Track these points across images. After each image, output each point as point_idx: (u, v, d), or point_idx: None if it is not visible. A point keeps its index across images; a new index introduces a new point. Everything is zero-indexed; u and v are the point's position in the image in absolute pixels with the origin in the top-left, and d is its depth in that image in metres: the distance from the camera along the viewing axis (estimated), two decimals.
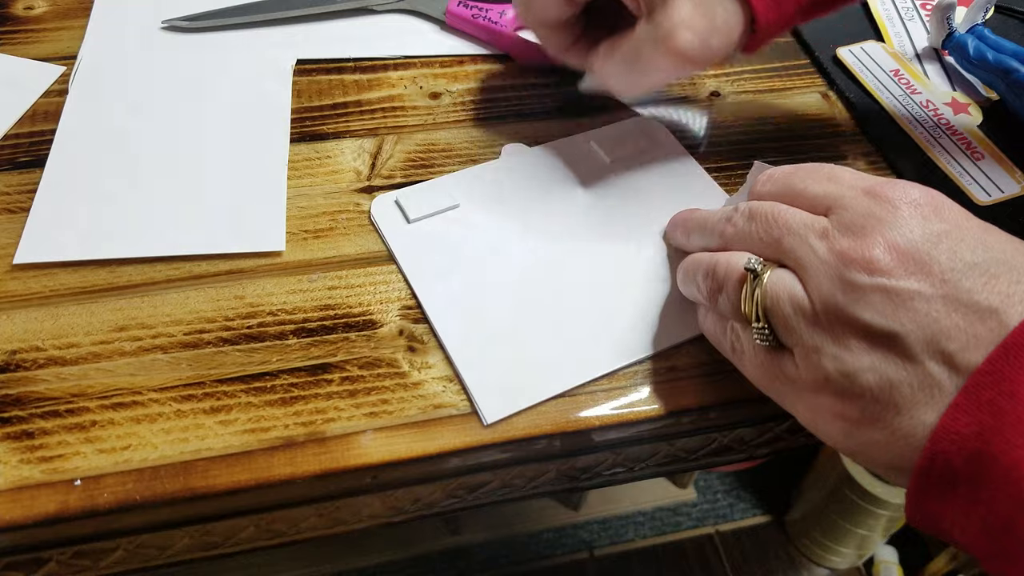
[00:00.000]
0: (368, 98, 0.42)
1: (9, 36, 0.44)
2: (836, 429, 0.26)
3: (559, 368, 0.31)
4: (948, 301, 0.24)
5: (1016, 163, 0.40)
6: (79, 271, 0.34)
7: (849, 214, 0.26)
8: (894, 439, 0.24)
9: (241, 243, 0.35)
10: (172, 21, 0.44)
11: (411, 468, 0.29)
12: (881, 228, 0.25)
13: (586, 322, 0.33)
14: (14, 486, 0.27)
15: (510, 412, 0.30)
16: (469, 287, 0.34)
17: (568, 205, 0.37)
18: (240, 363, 0.31)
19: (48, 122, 0.39)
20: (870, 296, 0.25)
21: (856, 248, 0.25)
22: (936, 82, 0.45)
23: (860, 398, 0.25)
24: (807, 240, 0.27)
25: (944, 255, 0.24)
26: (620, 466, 0.34)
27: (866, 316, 0.24)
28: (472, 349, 0.31)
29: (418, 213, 0.36)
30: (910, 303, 0.24)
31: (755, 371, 0.29)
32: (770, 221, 0.28)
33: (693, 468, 0.36)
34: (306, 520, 0.32)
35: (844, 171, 0.29)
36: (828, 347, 0.25)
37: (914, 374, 0.24)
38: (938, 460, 0.23)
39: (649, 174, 0.39)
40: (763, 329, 0.27)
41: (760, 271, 0.27)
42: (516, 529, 1.03)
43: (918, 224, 0.25)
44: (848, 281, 0.25)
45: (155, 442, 0.29)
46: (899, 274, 0.24)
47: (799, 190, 0.29)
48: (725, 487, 1.11)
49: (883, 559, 1.01)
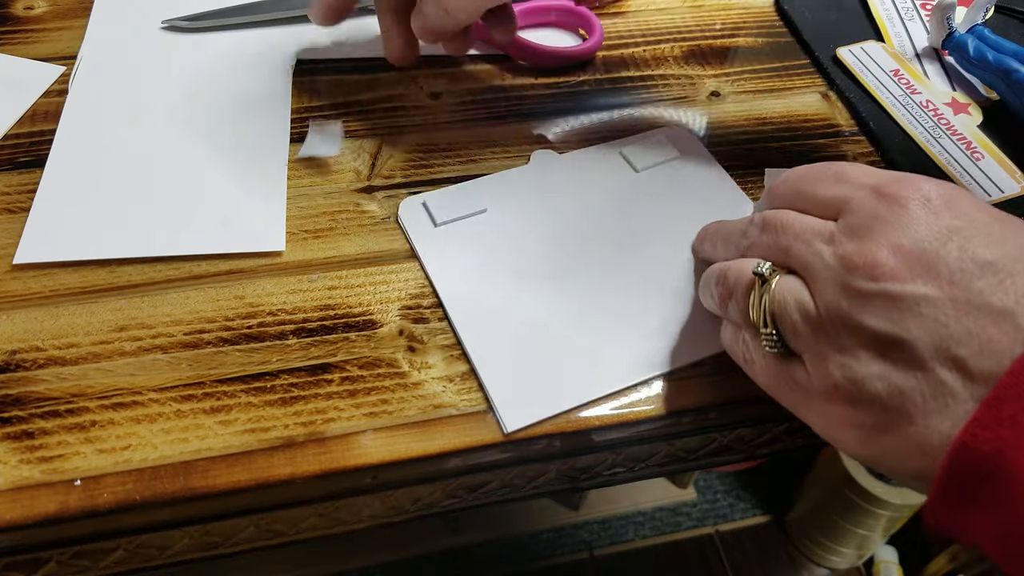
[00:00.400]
0: (368, 98, 0.42)
1: (9, 36, 0.44)
2: (851, 437, 0.25)
3: (582, 378, 0.31)
4: (958, 304, 0.23)
5: (1016, 163, 0.40)
6: (79, 271, 0.34)
7: (855, 217, 0.26)
8: (909, 447, 0.23)
9: (241, 243, 0.35)
10: (172, 21, 0.44)
11: (411, 468, 0.29)
12: (885, 230, 0.25)
13: (611, 332, 0.32)
14: (14, 486, 0.27)
15: (531, 421, 0.30)
16: (493, 293, 0.33)
17: (596, 214, 0.37)
18: (240, 363, 0.31)
19: (48, 122, 0.39)
20: (875, 302, 0.24)
21: (859, 252, 0.24)
22: (936, 82, 0.45)
23: (871, 406, 0.24)
24: (813, 246, 0.26)
25: (953, 254, 0.23)
26: (620, 466, 0.34)
27: (871, 323, 0.24)
28: (494, 356, 0.31)
29: (446, 217, 0.36)
30: (916, 308, 0.23)
31: (767, 379, 0.28)
32: (779, 230, 0.28)
33: (693, 468, 0.36)
34: (306, 520, 0.32)
35: (854, 169, 0.28)
36: (835, 354, 0.25)
37: (924, 382, 0.23)
38: (956, 475, 0.22)
39: (679, 184, 0.38)
40: (772, 335, 0.27)
41: (768, 276, 0.27)
42: (516, 529, 1.03)
43: (926, 222, 0.24)
44: (852, 287, 0.24)
45: (155, 442, 0.29)
46: (904, 278, 0.24)
47: (809, 195, 0.28)
48: (725, 487, 1.11)
49: (883, 559, 1.01)
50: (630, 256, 0.35)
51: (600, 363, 0.32)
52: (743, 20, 0.48)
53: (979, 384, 0.22)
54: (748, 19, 0.49)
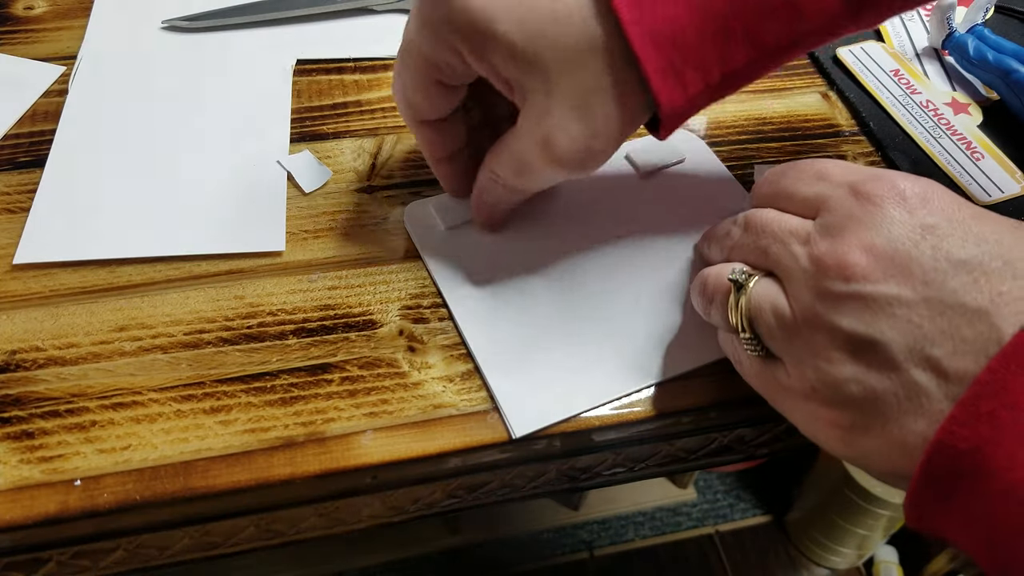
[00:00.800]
0: (368, 98, 0.42)
1: (9, 36, 0.44)
2: (832, 437, 0.25)
3: (589, 383, 0.31)
4: (931, 304, 0.23)
5: (1016, 163, 0.40)
6: (79, 271, 0.34)
7: (831, 216, 0.25)
8: (888, 447, 0.24)
9: (241, 243, 0.35)
10: (172, 21, 0.44)
11: (411, 468, 0.29)
12: (858, 229, 0.24)
13: (617, 337, 0.32)
14: (14, 486, 0.27)
15: (539, 427, 0.30)
16: (499, 297, 0.33)
17: (602, 218, 0.37)
18: (240, 363, 0.31)
19: (48, 122, 0.39)
20: (847, 304, 0.24)
21: (831, 253, 0.24)
22: (936, 82, 0.45)
23: (848, 407, 0.24)
24: (790, 247, 0.26)
25: (927, 253, 0.23)
26: (620, 466, 0.34)
27: (844, 325, 0.24)
28: (501, 360, 0.31)
29: (453, 221, 0.36)
30: (889, 309, 0.23)
31: (754, 380, 0.28)
32: (758, 230, 0.28)
33: (693, 468, 0.36)
34: (306, 520, 0.32)
35: (834, 166, 0.27)
36: (811, 357, 0.25)
37: (898, 383, 0.23)
38: (934, 473, 0.22)
39: (684, 187, 0.38)
40: (751, 340, 0.27)
41: (744, 281, 0.27)
42: (516, 529, 1.03)
43: (900, 221, 0.24)
44: (824, 290, 0.24)
45: (155, 442, 0.29)
46: (876, 278, 0.23)
47: (790, 193, 0.28)
48: (725, 487, 1.11)
49: (883, 559, 1.01)
50: (636, 259, 0.35)
51: (607, 367, 0.31)
52: None
53: (954, 384, 0.22)
54: None
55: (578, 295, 0.34)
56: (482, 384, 0.31)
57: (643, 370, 0.31)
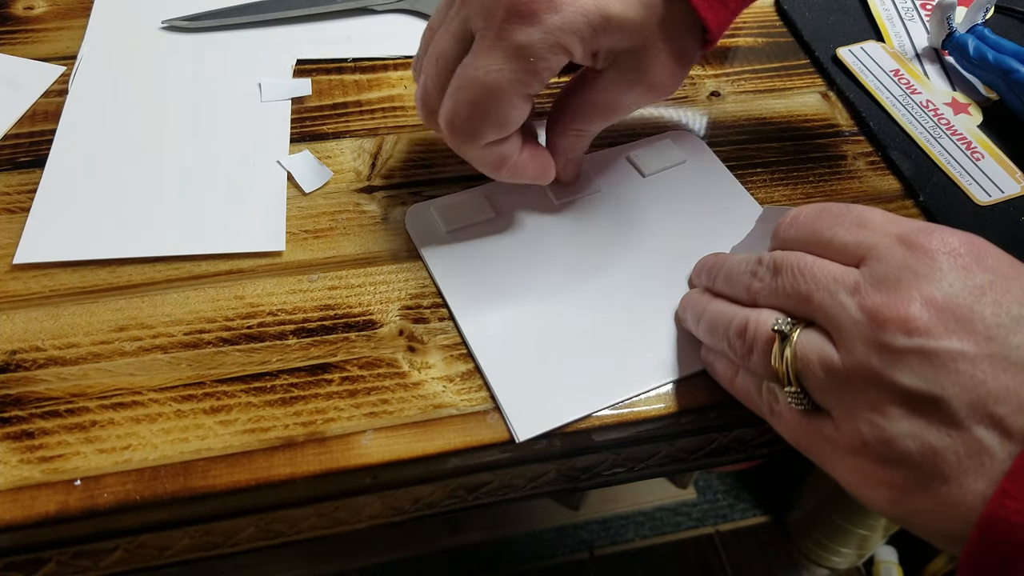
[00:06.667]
0: (368, 98, 0.42)
1: (9, 36, 0.44)
2: (880, 495, 0.24)
3: (593, 385, 0.31)
4: (995, 360, 0.22)
5: (1016, 163, 0.40)
6: (79, 271, 0.34)
7: (882, 266, 0.24)
8: (942, 508, 0.23)
9: (241, 243, 0.35)
10: (172, 21, 0.44)
11: (411, 468, 0.29)
12: (917, 282, 0.23)
13: (620, 340, 0.32)
14: (14, 486, 0.27)
15: (542, 431, 0.30)
16: (502, 300, 0.33)
17: (604, 220, 0.37)
18: (240, 363, 0.31)
19: (48, 122, 0.39)
20: (908, 359, 0.23)
21: (890, 305, 0.23)
22: (936, 82, 0.45)
23: (902, 465, 0.23)
24: (837, 296, 0.25)
25: (988, 309, 0.23)
26: (620, 466, 0.34)
27: (904, 380, 0.23)
28: (505, 365, 0.31)
29: (454, 224, 0.36)
30: (952, 365, 0.22)
31: (793, 433, 0.27)
32: (796, 275, 0.26)
33: (693, 468, 0.36)
34: (306, 520, 0.32)
35: (875, 214, 0.27)
36: (864, 411, 0.24)
37: (960, 441, 0.22)
38: (988, 547, 0.21)
39: (686, 190, 0.38)
40: (797, 393, 0.26)
41: (788, 332, 0.26)
42: (516, 529, 1.03)
43: (958, 276, 0.23)
44: (883, 344, 0.23)
45: (155, 442, 0.29)
46: (939, 333, 0.22)
47: (827, 238, 0.27)
48: (725, 487, 1.11)
49: (883, 559, 1.01)
50: (638, 261, 0.35)
51: (610, 370, 0.31)
52: (743, 20, 0.48)
53: (1017, 442, 0.21)
54: (748, 19, 0.49)
55: (579, 296, 0.34)
56: (482, 384, 0.31)
57: (647, 373, 0.31)
